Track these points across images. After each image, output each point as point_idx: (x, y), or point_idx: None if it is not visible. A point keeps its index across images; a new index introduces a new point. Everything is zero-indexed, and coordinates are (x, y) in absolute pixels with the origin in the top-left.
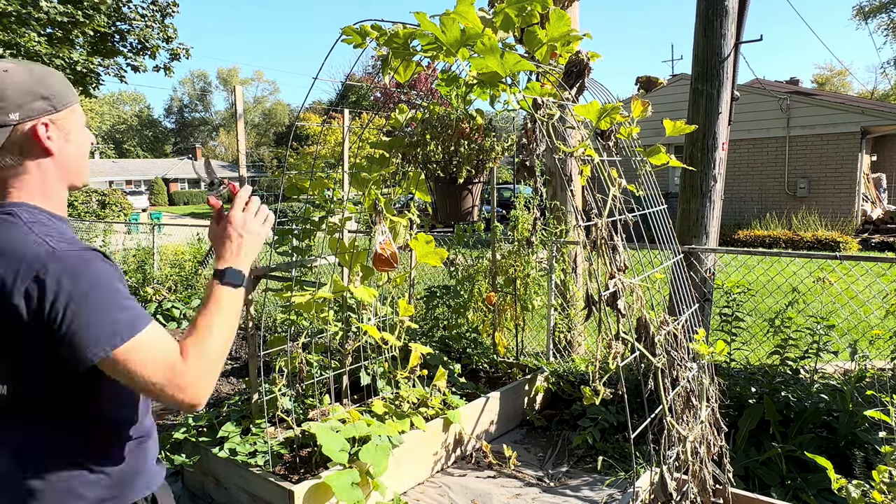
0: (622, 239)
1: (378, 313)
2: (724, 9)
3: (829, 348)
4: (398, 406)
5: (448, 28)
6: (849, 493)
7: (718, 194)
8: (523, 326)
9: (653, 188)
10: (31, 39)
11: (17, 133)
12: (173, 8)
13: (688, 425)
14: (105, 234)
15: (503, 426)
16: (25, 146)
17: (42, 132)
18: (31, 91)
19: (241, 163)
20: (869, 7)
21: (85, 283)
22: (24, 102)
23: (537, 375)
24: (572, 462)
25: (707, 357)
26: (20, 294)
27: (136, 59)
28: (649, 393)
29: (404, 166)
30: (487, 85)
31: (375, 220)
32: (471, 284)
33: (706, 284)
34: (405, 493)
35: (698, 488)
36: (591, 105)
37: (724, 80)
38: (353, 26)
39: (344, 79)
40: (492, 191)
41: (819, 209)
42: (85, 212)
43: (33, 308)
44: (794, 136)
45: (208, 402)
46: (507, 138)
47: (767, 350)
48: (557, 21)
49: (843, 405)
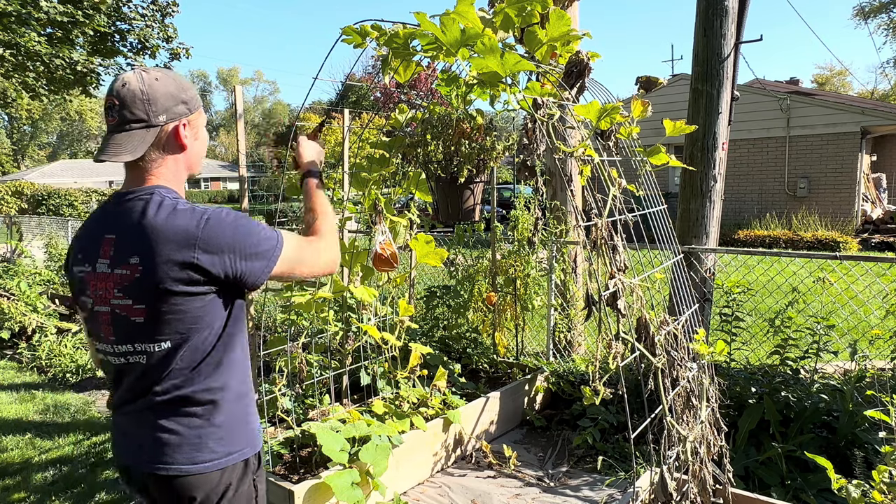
0: (622, 239)
1: (378, 313)
2: (724, 9)
3: (829, 348)
4: (398, 406)
5: (448, 28)
6: (849, 493)
7: (718, 194)
8: (523, 326)
9: (653, 188)
10: (31, 39)
11: (163, 132)
12: (173, 8)
13: (688, 425)
14: None
15: (503, 426)
16: (168, 143)
17: (182, 131)
18: (175, 96)
19: (241, 163)
20: (869, 7)
21: (236, 224)
22: (170, 107)
23: (537, 375)
24: (572, 462)
25: (707, 357)
26: (200, 247)
27: (136, 58)
28: (649, 393)
29: (404, 166)
30: (487, 85)
31: (375, 220)
32: (471, 284)
33: (706, 284)
34: (405, 493)
35: (698, 488)
36: (591, 105)
37: (724, 80)
38: (353, 26)
39: (344, 79)
40: (492, 191)
41: (819, 209)
42: (85, 212)
43: (211, 255)
44: (794, 136)
45: None
46: (508, 138)
47: (767, 350)
48: (557, 21)
49: (843, 405)
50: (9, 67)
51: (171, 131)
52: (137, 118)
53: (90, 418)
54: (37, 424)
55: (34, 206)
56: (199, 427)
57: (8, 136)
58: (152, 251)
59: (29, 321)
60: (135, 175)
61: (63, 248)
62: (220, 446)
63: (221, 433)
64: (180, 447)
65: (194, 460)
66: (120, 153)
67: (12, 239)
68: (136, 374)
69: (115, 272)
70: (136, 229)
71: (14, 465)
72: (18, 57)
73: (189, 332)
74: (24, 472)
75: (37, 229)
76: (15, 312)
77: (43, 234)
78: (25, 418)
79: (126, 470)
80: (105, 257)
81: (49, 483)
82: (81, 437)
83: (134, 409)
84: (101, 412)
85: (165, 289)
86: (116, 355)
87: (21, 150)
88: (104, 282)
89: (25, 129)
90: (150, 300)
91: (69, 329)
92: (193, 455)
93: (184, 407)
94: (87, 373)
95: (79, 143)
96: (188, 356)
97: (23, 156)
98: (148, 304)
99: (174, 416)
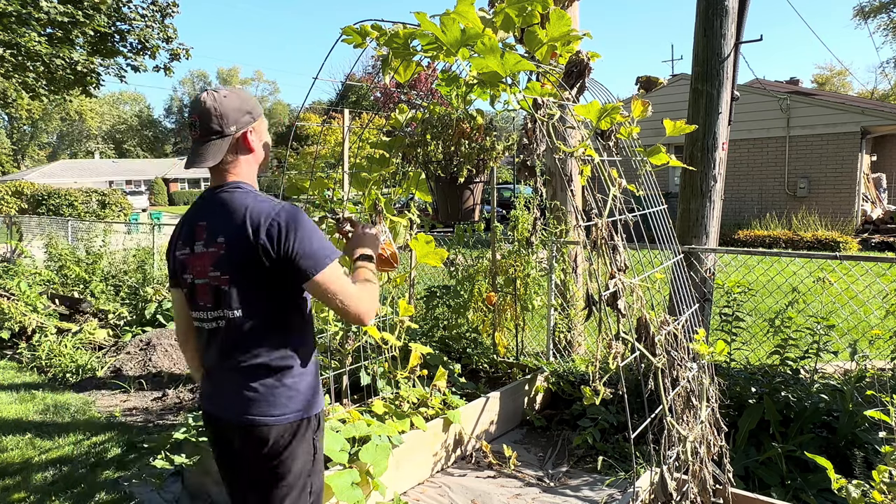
0: (622, 239)
1: (378, 313)
2: (724, 9)
3: (829, 348)
4: (398, 406)
5: (448, 28)
6: (849, 493)
7: (718, 194)
8: (523, 326)
9: (653, 188)
10: (32, 39)
11: (235, 140)
12: (173, 8)
13: (688, 425)
14: (105, 234)
15: (503, 426)
16: (239, 148)
17: (249, 137)
18: (241, 109)
19: None
20: (869, 7)
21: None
22: (238, 118)
23: (537, 375)
24: (572, 462)
25: (707, 357)
26: (265, 232)
27: (136, 59)
28: (649, 393)
29: (404, 166)
30: (488, 85)
31: (375, 220)
32: (471, 284)
33: (706, 284)
34: (405, 493)
35: (698, 488)
36: (591, 105)
37: (724, 80)
38: (353, 26)
39: (344, 79)
40: (492, 191)
41: (819, 209)
42: (85, 212)
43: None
44: (794, 136)
45: None
46: (508, 138)
47: (767, 350)
48: (557, 21)
49: (843, 405)
50: (9, 67)
51: (241, 137)
52: (214, 131)
53: (90, 418)
54: (37, 424)
55: (34, 206)
56: (273, 387)
57: (8, 136)
58: (232, 232)
59: (29, 321)
60: (218, 175)
61: (63, 248)
62: (290, 403)
63: (291, 393)
64: (258, 403)
65: (269, 413)
66: (204, 161)
67: (12, 239)
68: (221, 338)
69: (208, 251)
70: (221, 216)
71: (14, 465)
72: (18, 57)
73: (260, 303)
74: (24, 472)
75: (37, 229)
76: (15, 312)
77: (43, 234)
78: (25, 418)
79: (215, 420)
80: (200, 240)
81: (49, 483)
82: (81, 437)
83: (221, 370)
84: (101, 412)
85: (240, 263)
86: (208, 320)
87: (21, 150)
88: (201, 259)
89: (25, 129)
90: (231, 272)
91: (69, 329)
92: (269, 409)
93: (260, 370)
94: (87, 373)
95: (79, 143)
96: (260, 324)
97: (23, 156)
98: (230, 275)
99: (253, 378)
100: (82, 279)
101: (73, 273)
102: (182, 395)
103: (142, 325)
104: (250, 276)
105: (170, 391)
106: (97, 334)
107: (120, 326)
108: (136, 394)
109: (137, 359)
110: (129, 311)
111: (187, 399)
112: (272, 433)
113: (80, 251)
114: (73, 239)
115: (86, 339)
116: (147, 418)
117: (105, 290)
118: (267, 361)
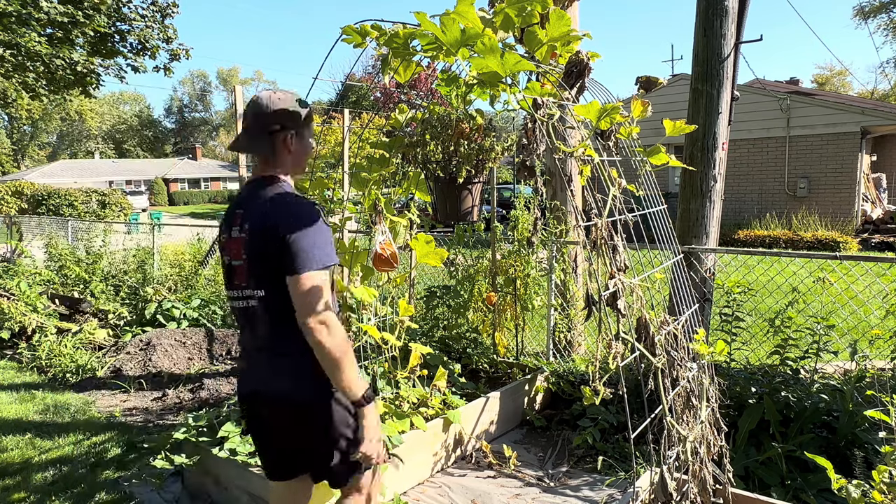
0: (622, 239)
1: (378, 313)
2: (724, 9)
3: (829, 348)
4: (398, 406)
5: (448, 28)
6: (849, 493)
7: (718, 194)
8: (523, 326)
9: (653, 188)
10: (32, 39)
11: (274, 137)
12: (173, 9)
13: (688, 425)
14: (105, 234)
15: (503, 426)
16: (278, 145)
17: (289, 139)
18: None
19: (241, 163)
20: (869, 7)
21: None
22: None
23: (537, 375)
24: (572, 462)
25: (707, 357)
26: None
27: (136, 59)
28: (649, 393)
29: (404, 166)
30: (487, 85)
31: (375, 220)
32: (471, 284)
33: (706, 284)
34: (405, 493)
35: (698, 488)
36: (591, 105)
37: (724, 80)
38: (353, 26)
39: (344, 79)
40: (492, 191)
41: (819, 209)
42: (85, 212)
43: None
44: (794, 136)
45: (208, 402)
46: (507, 138)
47: (767, 350)
48: (557, 21)
49: (843, 405)
50: (9, 67)
51: (280, 137)
52: (259, 125)
53: (90, 418)
54: (37, 424)
55: (34, 206)
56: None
57: (8, 136)
58: (255, 220)
59: (29, 321)
60: (261, 166)
61: (63, 248)
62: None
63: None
64: (287, 378)
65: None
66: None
67: (12, 239)
68: (250, 316)
69: (241, 236)
70: (252, 204)
71: (14, 465)
72: (18, 57)
73: (277, 286)
74: (24, 472)
75: (37, 229)
76: (15, 312)
77: (43, 234)
78: (25, 418)
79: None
80: (236, 226)
81: (49, 483)
82: (81, 437)
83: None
84: (100, 412)
85: (258, 250)
86: (240, 299)
87: (21, 150)
88: (236, 243)
89: (25, 129)
90: (252, 255)
91: (69, 329)
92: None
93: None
94: (87, 373)
95: (79, 143)
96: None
97: (23, 156)
98: (252, 259)
99: (280, 357)
100: (82, 279)
101: (73, 273)
102: (182, 395)
103: (142, 325)
104: (264, 261)
105: (170, 391)
106: (97, 334)
107: (120, 326)
108: (136, 394)
109: (137, 359)
110: (129, 311)
111: (187, 399)
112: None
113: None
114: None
115: (86, 339)
116: (147, 418)
117: (105, 290)
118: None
